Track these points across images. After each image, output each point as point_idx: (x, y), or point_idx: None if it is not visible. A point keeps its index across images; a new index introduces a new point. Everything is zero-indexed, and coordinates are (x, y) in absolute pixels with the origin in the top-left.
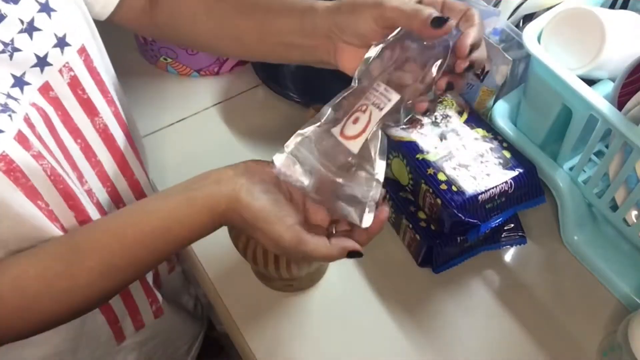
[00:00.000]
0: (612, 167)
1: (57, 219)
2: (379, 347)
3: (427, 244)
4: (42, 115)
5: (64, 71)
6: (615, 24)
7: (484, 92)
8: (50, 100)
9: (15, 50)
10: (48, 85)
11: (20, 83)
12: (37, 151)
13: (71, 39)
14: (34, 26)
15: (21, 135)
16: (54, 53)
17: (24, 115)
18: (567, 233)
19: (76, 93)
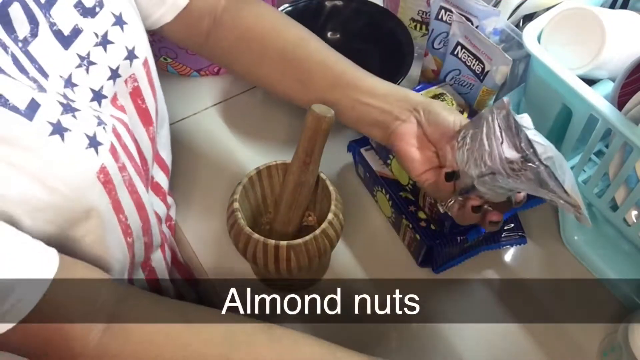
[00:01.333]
0: (612, 167)
1: (130, 233)
2: (379, 347)
3: (427, 244)
4: (124, 124)
5: (129, 81)
6: (615, 24)
7: (484, 92)
8: (118, 109)
9: (91, 63)
10: (116, 96)
11: (98, 97)
12: (122, 163)
13: (139, 52)
14: (107, 39)
15: (112, 148)
16: (124, 65)
17: (112, 126)
18: (567, 233)
19: (136, 102)
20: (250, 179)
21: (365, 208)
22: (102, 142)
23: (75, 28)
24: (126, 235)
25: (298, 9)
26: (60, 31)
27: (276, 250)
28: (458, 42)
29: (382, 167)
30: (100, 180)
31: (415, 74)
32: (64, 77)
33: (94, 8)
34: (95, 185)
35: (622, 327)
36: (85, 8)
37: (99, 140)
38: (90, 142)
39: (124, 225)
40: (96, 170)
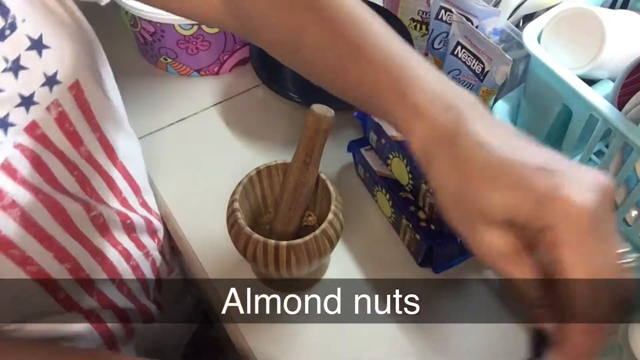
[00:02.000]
0: (612, 167)
1: (34, 262)
2: (379, 347)
3: (427, 244)
4: (29, 156)
5: (52, 108)
6: (615, 24)
7: (484, 92)
8: (37, 138)
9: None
10: (35, 123)
11: (3, 124)
12: (10, 200)
13: (63, 76)
14: (19, 65)
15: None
16: (41, 92)
17: (0, 162)
18: None
19: (63, 127)
20: (250, 179)
21: (365, 208)
22: None
23: None
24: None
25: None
26: None
27: (276, 250)
28: (458, 42)
29: (382, 167)
30: None
31: None
32: None
33: (3, 31)
34: None
35: (622, 327)
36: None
37: None
38: None
39: (18, 258)
40: None
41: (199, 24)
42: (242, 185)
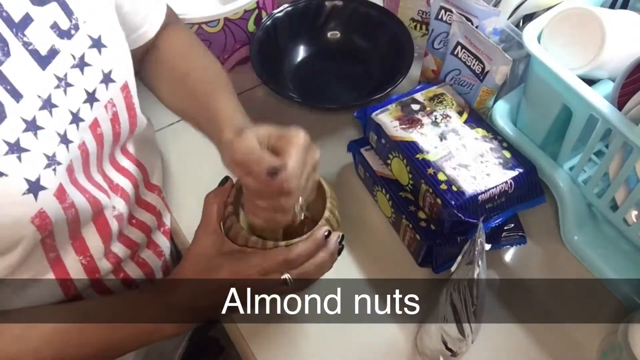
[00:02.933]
0: (612, 167)
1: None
2: (379, 347)
3: (427, 244)
4: (84, 156)
5: (109, 107)
6: (615, 24)
7: (484, 92)
8: (96, 137)
9: (68, 85)
10: (97, 121)
11: (76, 119)
12: (70, 202)
13: (116, 75)
14: (84, 61)
15: (60, 190)
16: (100, 88)
17: (67, 164)
18: (567, 233)
19: (114, 128)
20: None
21: (365, 208)
22: (45, 186)
23: (52, 48)
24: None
25: (298, 9)
26: (37, 51)
27: None
28: (458, 42)
29: (382, 167)
30: (35, 224)
31: (415, 74)
32: (43, 98)
33: (69, 30)
34: (27, 227)
35: (622, 327)
36: (61, 30)
37: (43, 185)
38: (31, 187)
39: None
40: (31, 216)
41: (199, 23)
42: (236, 188)
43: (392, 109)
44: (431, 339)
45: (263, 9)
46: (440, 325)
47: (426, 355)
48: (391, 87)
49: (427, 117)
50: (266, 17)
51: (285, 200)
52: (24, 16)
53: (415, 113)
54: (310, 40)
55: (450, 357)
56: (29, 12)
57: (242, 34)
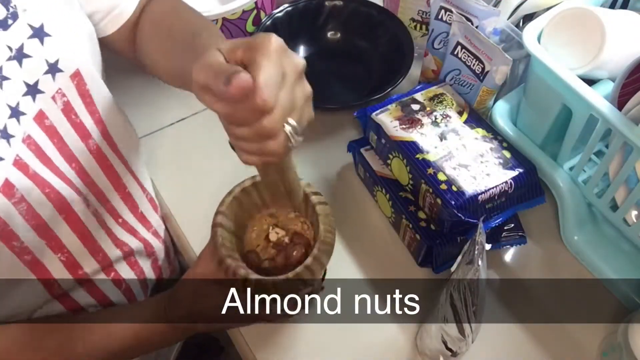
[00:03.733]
0: (612, 167)
1: (29, 252)
2: (379, 347)
3: (427, 244)
4: (34, 149)
5: (57, 97)
6: (615, 24)
7: (484, 92)
8: (45, 129)
9: (4, 78)
10: (42, 113)
11: (16, 113)
12: (19, 196)
13: (64, 64)
14: (23, 53)
15: (7, 185)
16: (45, 80)
17: (14, 158)
18: (567, 233)
19: (69, 118)
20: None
21: (365, 208)
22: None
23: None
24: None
25: (298, 9)
26: None
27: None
28: (458, 42)
29: (382, 167)
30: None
31: (415, 74)
32: None
33: (5, 20)
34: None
35: (622, 327)
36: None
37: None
38: None
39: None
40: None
41: None
42: (233, 196)
43: (392, 109)
44: (431, 339)
45: (262, 9)
46: (440, 325)
47: (426, 355)
48: (391, 87)
49: (427, 117)
50: (266, 17)
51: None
52: None
53: (415, 113)
54: (310, 40)
55: (450, 357)
56: None
57: (240, 34)
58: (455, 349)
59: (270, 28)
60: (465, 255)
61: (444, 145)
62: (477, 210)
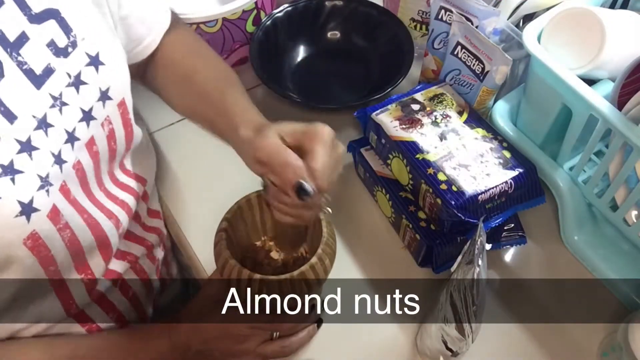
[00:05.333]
0: (612, 167)
1: (57, 269)
2: (379, 347)
3: (427, 244)
4: (81, 175)
5: (105, 124)
6: (615, 24)
7: (484, 92)
8: (93, 155)
9: (64, 104)
10: (93, 140)
11: (71, 139)
12: (64, 222)
13: (113, 93)
14: (80, 80)
15: (54, 211)
16: (97, 107)
17: (60, 184)
18: (567, 233)
19: (110, 145)
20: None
21: (365, 208)
22: (38, 208)
23: (47, 67)
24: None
25: (298, 9)
26: (32, 70)
27: (249, 282)
28: (458, 42)
29: (382, 167)
30: (27, 245)
31: (415, 74)
32: (38, 117)
33: (66, 48)
34: (19, 249)
35: (622, 327)
36: (57, 48)
37: (35, 207)
38: (23, 209)
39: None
40: (23, 238)
41: (198, 23)
42: (238, 205)
43: (392, 109)
44: (431, 339)
45: (262, 9)
46: (440, 325)
47: (426, 355)
48: (391, 87)
49: (427, 117)
50: (266, 17)
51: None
52: (19, 35)
53: (415, 113)
54: (310, 40)
55: (450, 357)
56: (25, 31)
57: (240, 34)
58: (455, 349)
59: (270, 28)
60: (465, 255)
61: (444, 145)
62: (477, 210)
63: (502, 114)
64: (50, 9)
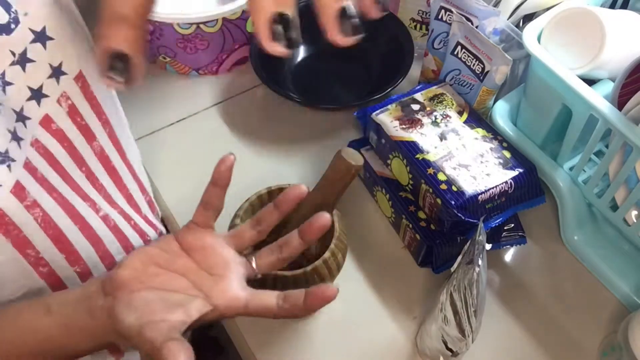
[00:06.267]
0: (612, 167)
1: (46, 264)
2: (379, 347)
3: (427, 244)
4: (43, 153)
5: (62, 101)
6: (615, 24)
7: (484, 92)
8: (53, 133)
9: (7, 84)
10: (49, 117)
11: (21, 118)
12: (32, 200)
13: (68, 67)
14: (26, 57)
15: (18, 187)
16: (49, 84)
17: (24, 160)
18: (567, 233)
19: (75, 121)
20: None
21: (365, 208)
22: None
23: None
24: (38, 265)
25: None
26: None
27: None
28: (458, 42)
29: (382, 167)
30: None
31: (415, 74)
32: None
33: (8, 25)
34: None
35: (622, 327)
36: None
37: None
38: None
39: (32, 259)
40: None
41: (197, 23)
42: (250, 202)
43: (392, 109)
44: (431, 339)
45: None
46: (440, 325)
47: (426, 355)
48: (391, 87)
49: (427, 117)
50: None
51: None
52: None
53: (415, 113)
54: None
55: (450, 357)
56: None
57: (240, 34)
58: (455, 349)
59: None
60: (465, 255)
61: (444, 145)
62: (477, 210)
63: (502, 114)
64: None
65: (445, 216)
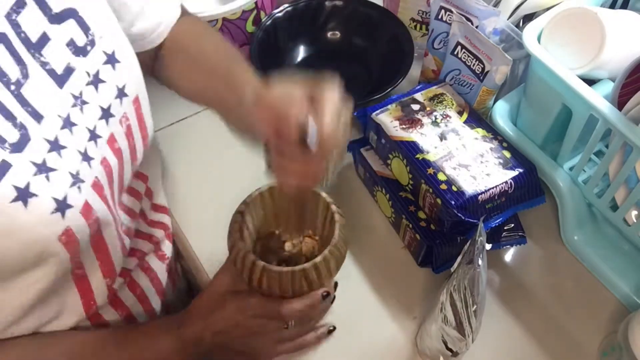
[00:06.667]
0: (612, 167)
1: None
2: (379, 347)
3: (427, 244)
4: (108, 172)
5: (123, 121)
6: (615, 24)
7: (484, 92)
8: (115, 152)
9: (84, 103)
10: (113, 137)
11: (94, 137)
12: (95, 217)
13: (129, 90)
14: (98, 78)
15: (86, 207)
16: (115, 104)
17: (92, 180)
18: (567, 233)
19: (129, 142)
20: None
21: (365, 208)
22: (72, 204)
23: (67, 67)
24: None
25: (298, 9)
26: (54, 70)
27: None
28: (458, 42)
29: (382, 167)
30: (62, 241)
31: (415, 74)
32: (63, 117)
33: (85, 47)
34: (55, 245)
35: (622, 327)
36: (77, 47)
37: (69, 203)
38: (58, 205)
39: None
40: (58, 234)
41: None
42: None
43: (392, 109)
44: (431, 339)
45: (262, 9)
46: (440, 325)
47: (426, 355)
48: (391, 87)
49: (427, 117)
50: (266, 17)
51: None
52: (41, 35)
53: (415, 113)
54: (310, 40)
55: (450, 357)
56: (46, 32)
57: (240, 34)
58: (455, 349)
59: (270, 28)
60: (465, 255)
61: (444, 145)
62: (477, 210)
63: (502, 114)
64: (69, 9)
65: (445, 216)
